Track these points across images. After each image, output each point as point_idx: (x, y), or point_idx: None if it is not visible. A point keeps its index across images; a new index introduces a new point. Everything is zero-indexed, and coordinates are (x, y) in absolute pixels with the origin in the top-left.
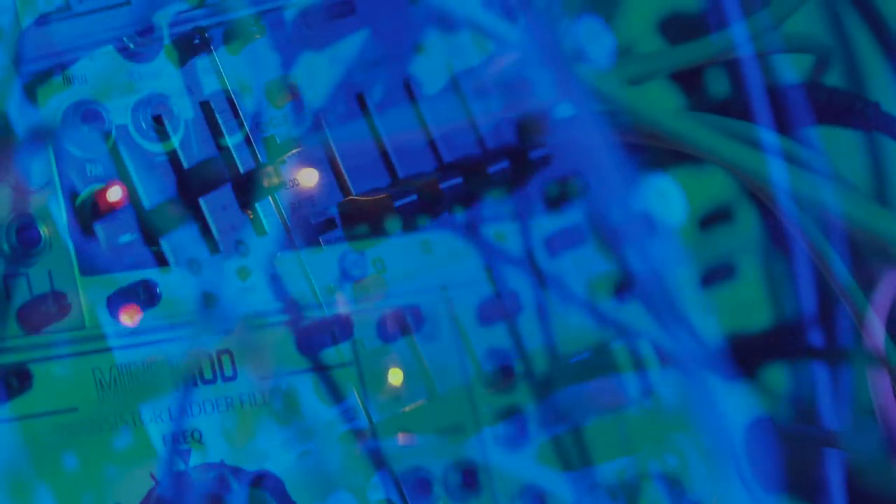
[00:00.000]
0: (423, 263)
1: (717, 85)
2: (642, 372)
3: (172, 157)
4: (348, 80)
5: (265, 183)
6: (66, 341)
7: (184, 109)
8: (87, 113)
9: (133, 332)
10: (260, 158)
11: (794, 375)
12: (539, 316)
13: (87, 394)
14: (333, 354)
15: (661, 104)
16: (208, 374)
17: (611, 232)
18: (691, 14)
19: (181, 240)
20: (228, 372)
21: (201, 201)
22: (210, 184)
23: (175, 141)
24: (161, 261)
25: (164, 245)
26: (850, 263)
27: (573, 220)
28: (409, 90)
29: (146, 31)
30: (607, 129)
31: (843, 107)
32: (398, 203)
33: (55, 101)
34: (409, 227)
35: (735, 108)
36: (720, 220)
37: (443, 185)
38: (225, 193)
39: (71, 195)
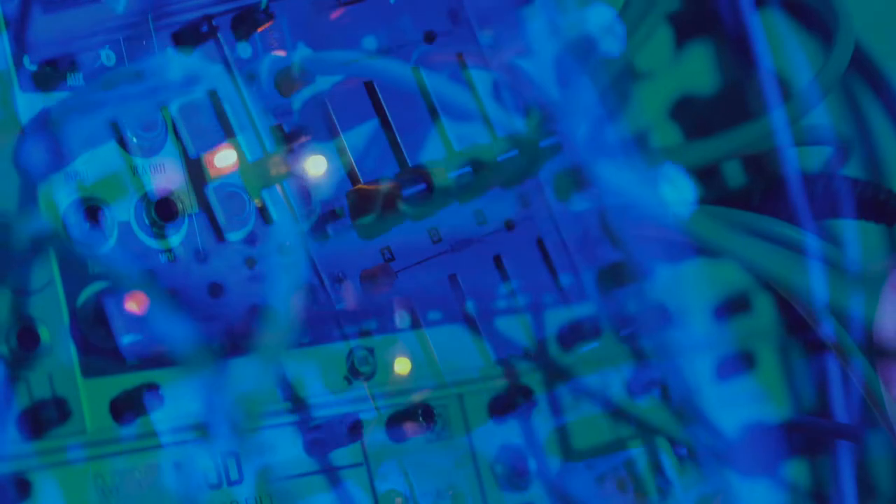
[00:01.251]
0: (432, 358)
1: (733, 176)
2: (661, 472)
3: (177, 254)
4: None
5: (272, 171)
6: (67, 447)
7: (188, 204)
8: (90, 210)
9: (137, 436)
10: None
11: (815, 468)
12: (553, 412)
13: (88, 503)
14: (342, 454)
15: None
16: (213, 479)
17: (626, 321)
18: (704, 98)
19: (187, 230)
20: (234, 476)
21: (209, 188)
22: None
23: (178, 238)
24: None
25: (169, 229)
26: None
27: (587, 311)
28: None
29: (151, 125)
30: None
31: (864, 198)
32: (406, 192)
33: (56, 200)
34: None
35: (751, 199)
36: (738, 310)
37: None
38: (233, 180)
39: (73, 296)
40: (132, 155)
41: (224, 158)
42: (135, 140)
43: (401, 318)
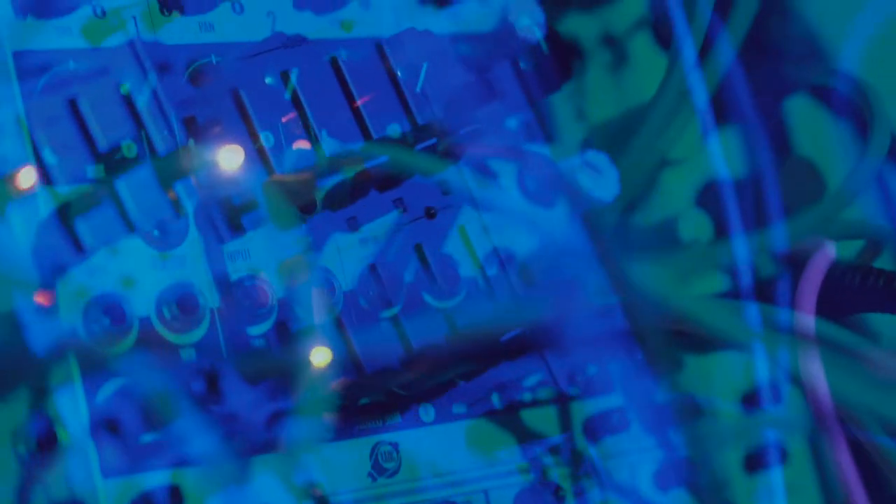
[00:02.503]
0: (460, 454)
1: (765, 268)
2: None
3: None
4: None
5: (184, 163)
6: None
7: (210, 297)
8: (109, 307)
9: None
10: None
11: None
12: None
13: None
14: None
15: (703, 289)
16: None
17: (655, 415)
18: (729, 182)
19: (98, 222)
20: None
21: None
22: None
23: (200, 332)
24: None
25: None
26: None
27: (615, 402)
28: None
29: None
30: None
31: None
32: (322, 182)
33: (75, 295)
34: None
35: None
36: (767, 401)
37: (368, 164)
38: (145, 172)
39: (92, 390)
40: (153, 248)
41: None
42: (156, 233)
43: (318, 313)
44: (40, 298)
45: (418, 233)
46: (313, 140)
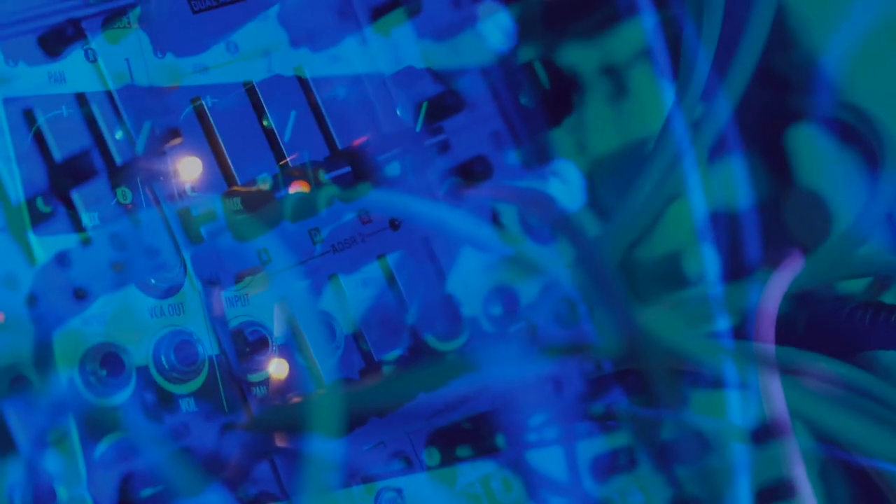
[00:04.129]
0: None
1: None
2: None
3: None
4: None
5: (140, 174)
6: None
7: (209, 346)
8: (107, 357)
9: None
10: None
11: None
12: None
13: None
14: None
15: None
16: None
17: (663, 452)
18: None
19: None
20: None
21: (73, 193)
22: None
23: (198, 382)
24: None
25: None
26: None
27: (621, 441)
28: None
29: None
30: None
31: None
32: (280, 193)
33: (73, 347)
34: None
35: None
36: (775, 436)
37: (328, 175)
38: (99, 183)
39: (90, 447)
40: (150, 296)
41: None
42: (153, 281)
43: (279, 327)
44: None
45: (421, 274)
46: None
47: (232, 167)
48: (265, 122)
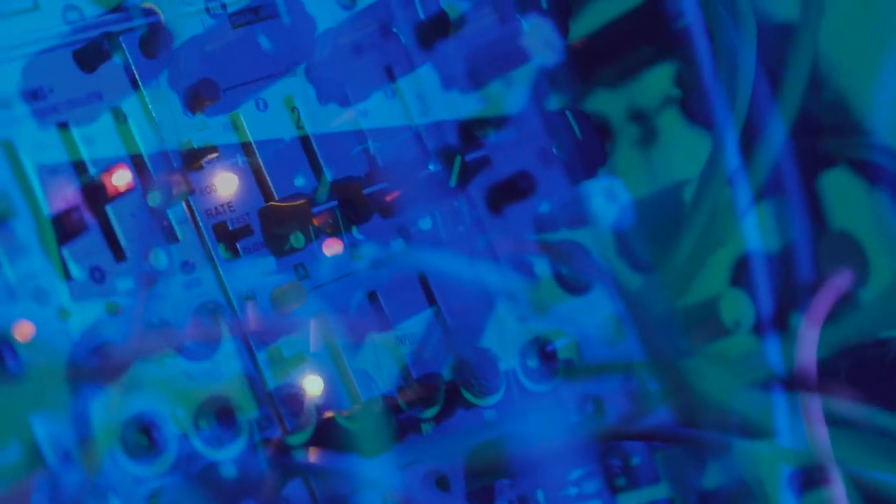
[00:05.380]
0: None
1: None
2: None
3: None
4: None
5: (176, 190)
6: None
7: (248, 409)
8: (147, 426)
9: None
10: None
11: None
12: None
13: None
14: None
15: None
16: None
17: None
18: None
19: (84, 248)
20: None
21: (108, 208)
22: None
23: (236, 448)
24: None
25: (66, 253)
26: None
27: (660, 493)
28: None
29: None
30: None
31: None
32: (317, 209)
33: (111, 415)
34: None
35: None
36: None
37: (366, 191)
38: (134, 199)
39: None
40: (187, 359)
41: (120, 178)
42: (188, 344)
43: (315, 341)
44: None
45: (456, 328)
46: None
47: (269, 182)
48: (302, 134)
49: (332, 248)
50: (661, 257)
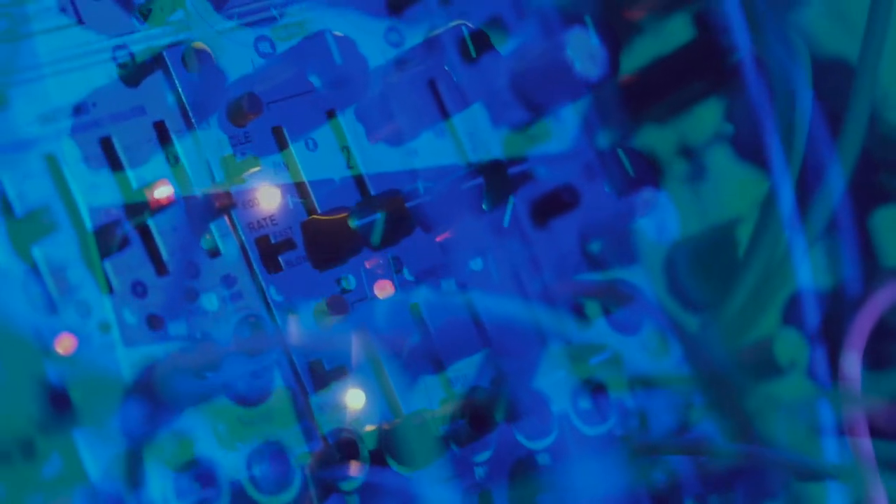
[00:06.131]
0: None
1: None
2: None
3: None
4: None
5: (218, 203)
6: None
7: (301, 454)
8: (201, 475)
9: None
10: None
11: None
12: None
13: None
14: None
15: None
16: None
17: None
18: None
19: (126, 262)
20: None
21: (150, 222)
22: None
23: (292, 492)
24: None
25: (107, 266)
26: None
27: None
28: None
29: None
30: None
31: None
32: (359, 222)
33: (165, 462)
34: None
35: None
36: None
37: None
38: (176, 214)
39: None
40: (241, 406)
41: (162, 192)
42: (244, 391)
43: (356, 356)
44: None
45: (508, 370)
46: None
47: (312, 196)
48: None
49: (383, 290)
50: (714, 298)
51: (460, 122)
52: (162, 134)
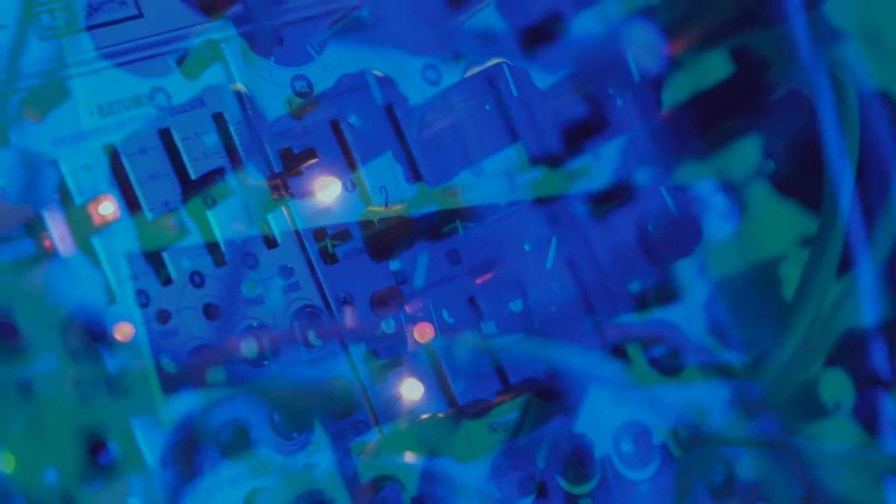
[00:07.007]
0: None
1: None
2: None
3: None
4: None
5: (275, 194)
6: None
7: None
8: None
9: None
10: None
11: None
12: None
13: None
14: None
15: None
16: None
17: None
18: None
19: (184, 251)
20: None
21: (209, 214)
22: None
23: None
24: None
25: (166, 257)
26: None
27: None
28: None
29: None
30: None
31: None
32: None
33: None
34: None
35: None
36: None
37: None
38: (234, 204)
39: None
40: (281, 454)
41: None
42: (283, 439)
43: (413, 345)
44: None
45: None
46: None
47: (368, 188)
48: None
49: (423, 333)
50: (760, 339)
51: (498, 160)
52: (220, 127)
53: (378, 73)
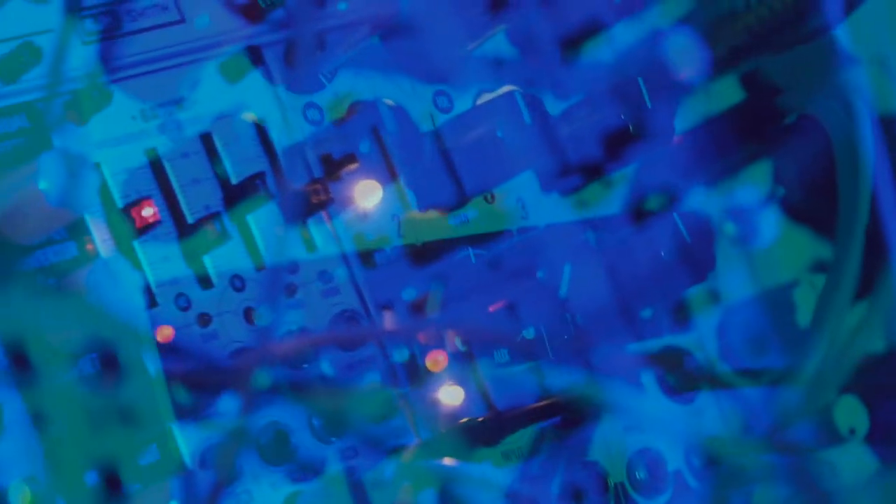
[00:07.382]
0: None
1: None
2: None
3: None
4: None
5: (314, 199)
6: None
7: None
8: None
9: None
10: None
11: None
12: None
13: None
14: None
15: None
16: None
17: None
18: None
19: (225, 256)
20: None
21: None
22: None
23: None
24: None
25: (206, 261)
26: None
27: None
28: None
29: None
30: None
31: None
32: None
33: None
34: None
35: None
36: None
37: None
38: (273, 209)
39: None
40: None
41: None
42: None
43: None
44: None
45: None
46: None
47: (407, 193)
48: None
49: (437, 361)
50: (775, 365)
51: (511, 188)
52: (259, 132)
53: (390, 101)
